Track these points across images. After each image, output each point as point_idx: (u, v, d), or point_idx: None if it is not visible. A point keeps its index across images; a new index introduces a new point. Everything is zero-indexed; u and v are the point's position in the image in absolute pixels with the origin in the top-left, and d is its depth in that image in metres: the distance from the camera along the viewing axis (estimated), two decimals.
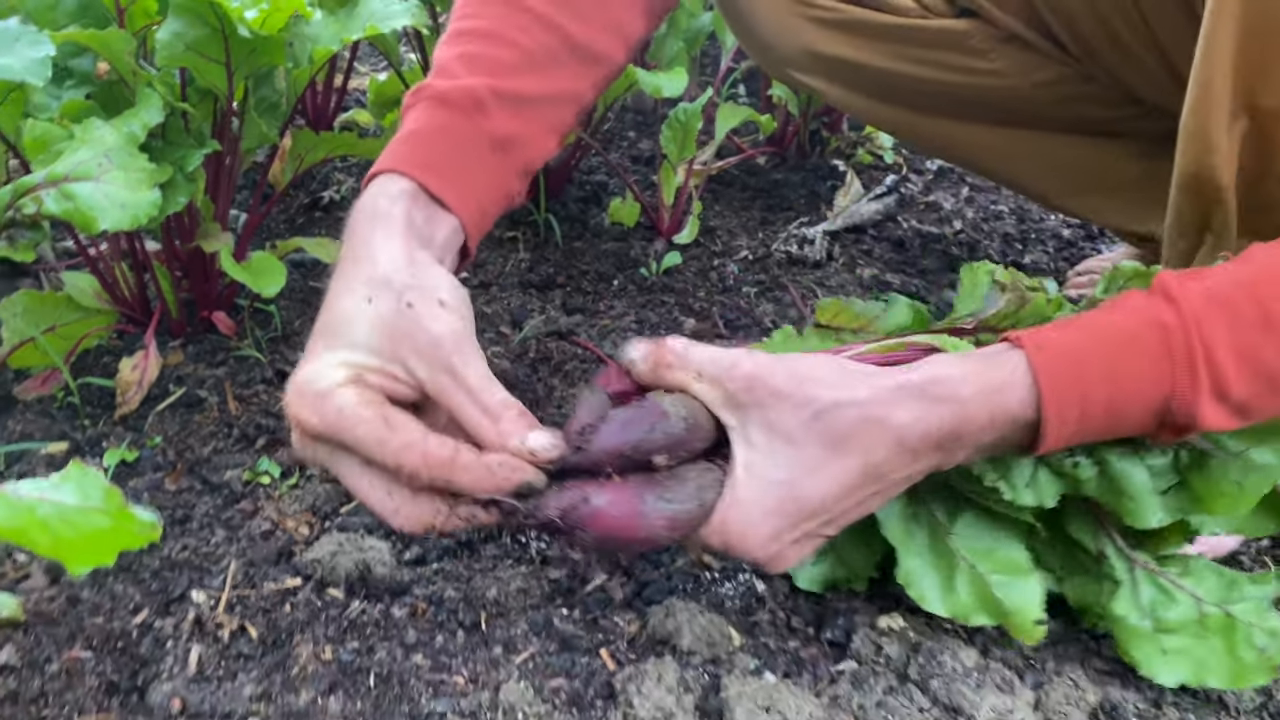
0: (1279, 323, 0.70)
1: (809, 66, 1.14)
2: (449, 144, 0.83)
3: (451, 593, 0.93)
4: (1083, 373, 0.71)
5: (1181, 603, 0.84)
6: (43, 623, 0.89)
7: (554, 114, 0.91)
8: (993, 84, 1.09)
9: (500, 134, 0.86)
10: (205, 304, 1.28)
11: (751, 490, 0.71)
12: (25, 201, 0.93)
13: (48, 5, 1.09)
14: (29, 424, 1.15)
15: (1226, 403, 0.71)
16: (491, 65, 0.86)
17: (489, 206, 0.86)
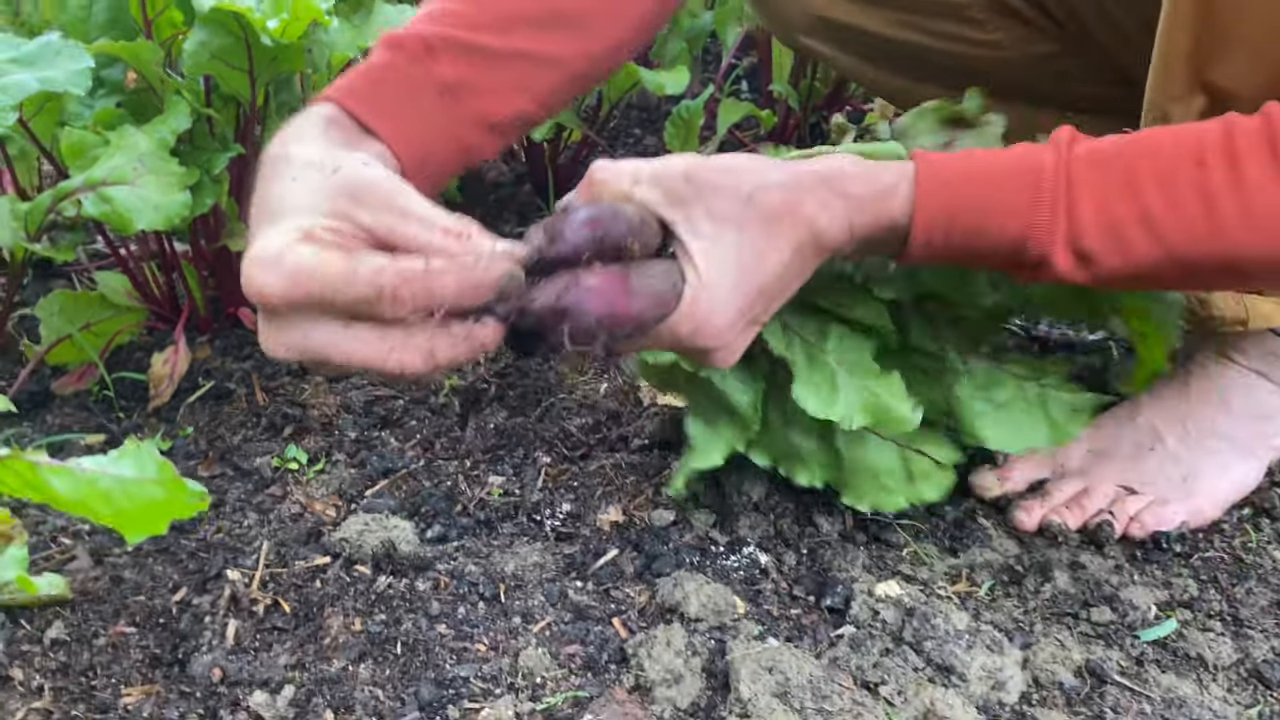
0: (1142, 188, 0.74)
1: (818, 32, 1.16)
2: (389, 80, 0.82)
3: (472, 568, 0.99)
4: (957, 193, 0.76)
5: (1007, 384, 1.00)
6: (89, 601, 0.95)
7: (524, 72, 0.88)
8: (990, 55, 1.12)
9: (449, 79, 0.84)
10: (231, 300, 1.34)
11: (713, 273, 0.73)
12: (65, 205, 0.99)
13: (80, 19, 1.14)
14: (67, 417, 1.21)
15: (1077, 252, 0.76)
16: (454, 19, 0.85)
17: (431, 146, 0.83)
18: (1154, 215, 0.74)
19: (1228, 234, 0.74)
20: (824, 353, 0.95)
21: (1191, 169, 0.74)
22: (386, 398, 1.26)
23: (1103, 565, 1.01)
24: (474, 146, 0.88)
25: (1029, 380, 1.01)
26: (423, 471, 1.13)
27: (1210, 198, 0.74)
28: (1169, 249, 0.75)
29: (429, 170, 0.83)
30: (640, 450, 1.16)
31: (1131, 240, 0.75)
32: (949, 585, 0.98)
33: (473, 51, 0.85)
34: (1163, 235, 0.75)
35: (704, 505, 1.07)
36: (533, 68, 0.89)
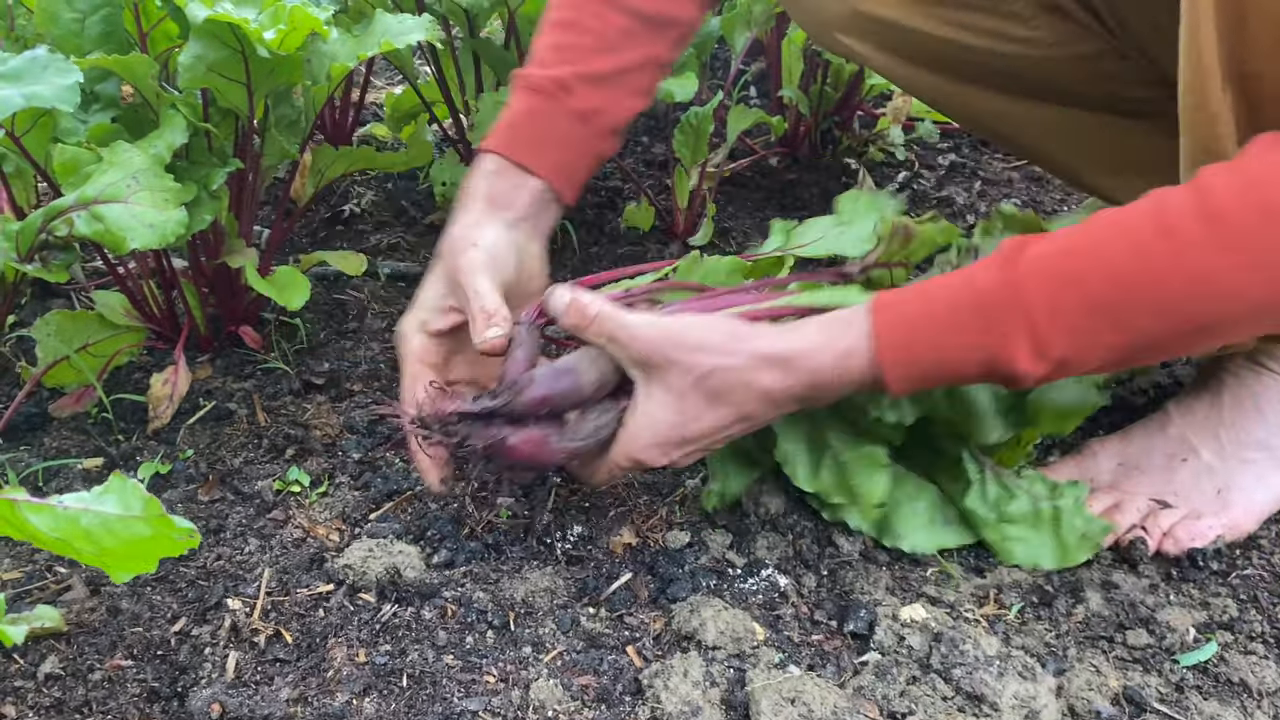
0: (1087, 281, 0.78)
1: (854, 29, 1.13)
2: (536, 123, 1.06)
3: (480, 594, 0.95)
4: (914, 338, 0.83)
5: (1020, 499, 1.01)
6: (85, 633, 0.92)
7: (633, 81, 1.10)
8: (1032, 54, 1.08)
9: (582, 108, 1.06)
10: (232, 319, 1.30)
11: (643, 426, 0.90)
12: (57, 224, 0.96)
13: (73, 32, 1.11)
14: (64, 440, 1.18)
15: (1047, 360, 0.80)
16: (572, 52, 1.07)
17: (575, 164, 1.08)
18: (1106, 303, 0.78)
19: (1180, 304, 0.77)
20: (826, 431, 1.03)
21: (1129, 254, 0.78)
22: (391, 417, 1.22)
23: (1137, 585, 0.97)
24: (605, 150, 1.11)
25: (1044, 499, 1.01)
26: (428, 493, 1.10)
27: (1156, 274, 0.77)
28: (1131, 330, 0.78)
29: (575, 180, 1.09)
30: (653, 470, 1.12)
31: (1093, 332, 0.79)
32: (976, 608, 0.94)
33: (595, 80, 1.07)
34: (1119, 319, 0.78)
35: (720, 525, 1.04)
36: (637, 74, 1.10)
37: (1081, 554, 0.98)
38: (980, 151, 1.95)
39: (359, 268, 1.30)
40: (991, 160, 1.92)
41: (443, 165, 1.62)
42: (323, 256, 1.33)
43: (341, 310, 1.41)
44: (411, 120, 1.73)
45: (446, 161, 1.62)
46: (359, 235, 1.63)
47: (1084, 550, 0.98)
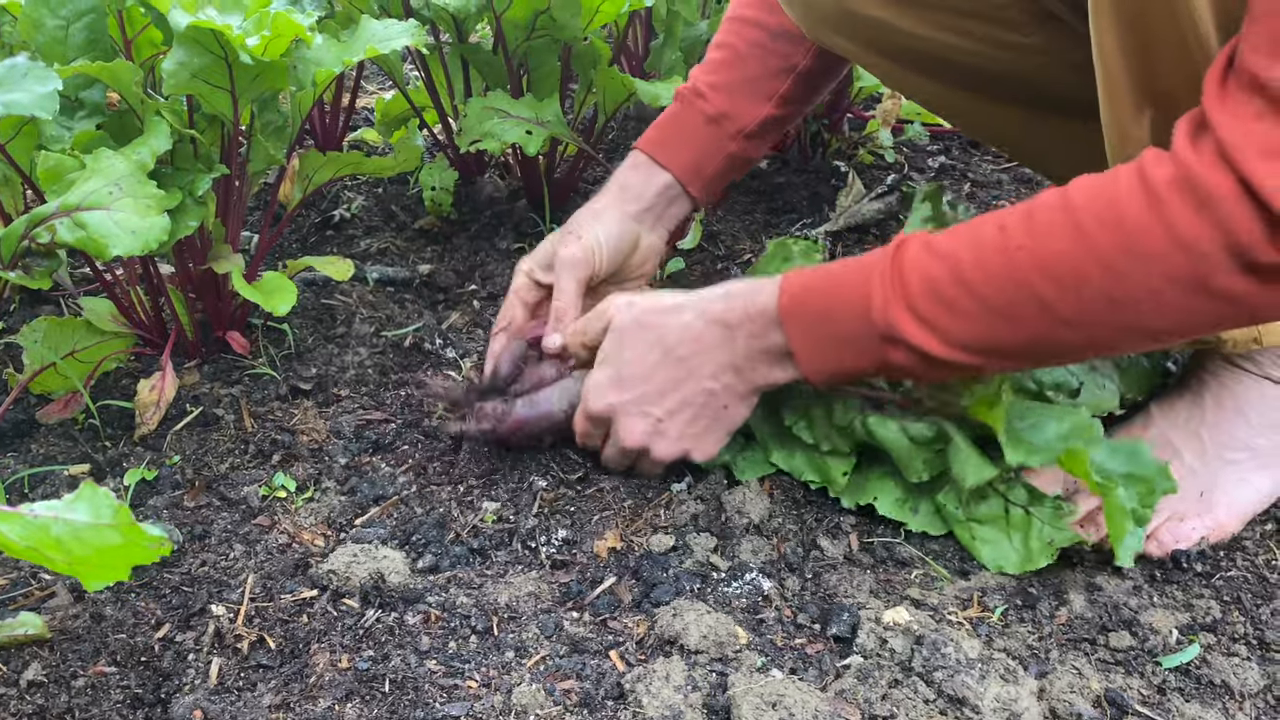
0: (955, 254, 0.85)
1: (848, 29, 1.13)
2: (671, 123, 1.25)
3: (464, 599, 0.95)
4: (809, 287, 0.94)
5: (991, 500, 1.02)
6: (68, 639, 0.92)
7: (762, 87, 1.23)
8: (1027, 61, 1.08)
9: (711, 111, 1.23)
10: (219, 324, 1.31)
11: (591, 377, 1.07)
12: (40, 231, 0.96)
13: (57, 39, 1.11)
14: (51, 447, 1.18)
15: (917, 316, 0.86)
16: (711, 66, 1.25)
17: (703, 162, 1.24)
18: (964, 272, 0.84)
19: (1030, 282, 0.82)
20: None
21: (994, 231, 0.84)
22: (378, 422, 1.23)
23: (1120, 587, 0.97)
24: (737, 153, 1.25)
25: (1017, 505, 1.01)
26: (414, 498, 1.10)
27: (1007, 249, 0.83)
28: (985, 302, 0.84)
29: (704, 177, 1.24)
30: (641, 473, 1.12)
31: (953, 299, 0.85)
32: (960, 610, 0.95)
33: (725, 87, 1.23)
34: (975, 289, 0.84)
35: (704, 529, 1.04)
36: (766, 81, 1.23)
37: (1043, 559, 0.98)
38: (970, 154, 1.95)
39: (346, 273, 1.30)
40: (981, 162, 1.92)
41: (432, 169, 1.62)
42: (310, 262, 1.33)
43: (329, 315, 1.41)
44: (401, 125, 1.73)
45: (436, 166, 1.63)
46: (349, 240, 1.63)
47: (1045, 557, 0.98)
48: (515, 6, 1.37)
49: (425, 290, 1.51)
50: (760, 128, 1.25)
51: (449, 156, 1.66)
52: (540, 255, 1.22)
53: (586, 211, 1.22)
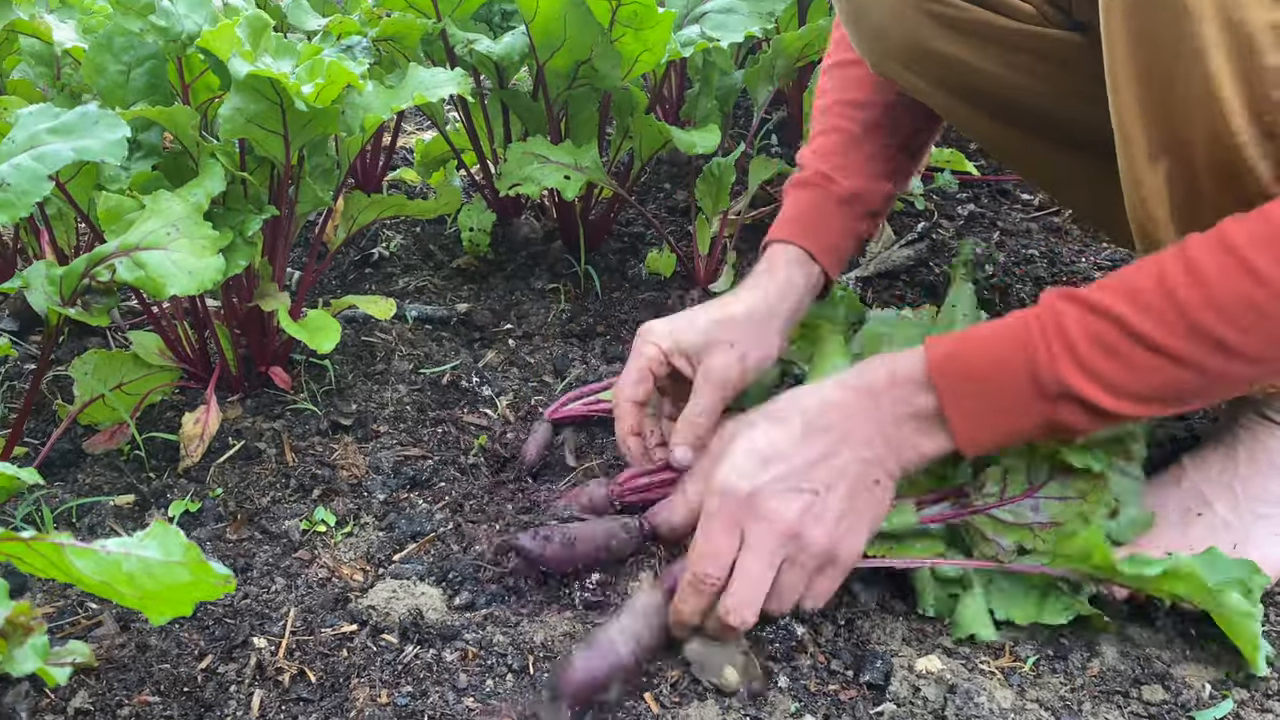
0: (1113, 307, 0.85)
1: (917, 63, 1.13)
2: (812, 212, 1.24)
3: (500, 637, 0.97)
4: (961, 349, 0.91)
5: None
6: (114, 668, 0.94)
7: (882, 165, 1.26)
8: (1098, 108, 1.10)
9: (844, 194, 1.24)
10: (263, 360, 1.34)
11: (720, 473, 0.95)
12: (100, 270, 0.99)
13: (118, 84, 1.16)
14: (97, 477, 1.21)
15: (1088, 371, 0.85)
16: (830, 151, 1.27)
17: (842, 245, 1.26)
18: (1132, 325, 0.84)
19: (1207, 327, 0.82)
20: None
21: (1152, 283, 0.85)
22: (416, 458, 1.25)
23: (1153, 639, 0.97)
24: (863, 231, 1.28)
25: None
26: (451, 535, 1.12)
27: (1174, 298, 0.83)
28: (1160, 351, 0.84)
29: (840, 260, 1.26)
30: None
31: (1125, 352, 0.85)
32: (992, 660, 0.95)
33: (848, 168, 1.25)
34: (1147, 339, 0.84)
35: None
36: (885, 159, 1.27)
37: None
38: (999, 202, 1.97)
39: (388, 312, 1.33)
40: (1010, 211, 1.94)
41: (470, 211, 1.65)
42: (353, 300, 1.36)
43: (369, 352, 1.44)
44: (440, 166, 1.77)
45: (474, 208, 1.66)
46: (387, 278, 1.67)
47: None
48: (558, 56, 1.41)
49: (462, 329, 1.54)
50: (881, 204, 1.28)
51: (487, 198, 1.70)
52: (684, 339, 1.14)
53: (750, 315, 1.16)
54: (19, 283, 1.01)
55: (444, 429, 1.31)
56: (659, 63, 1.44)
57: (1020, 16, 1.06)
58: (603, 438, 1.28)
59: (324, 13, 1.74)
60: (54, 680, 0.55)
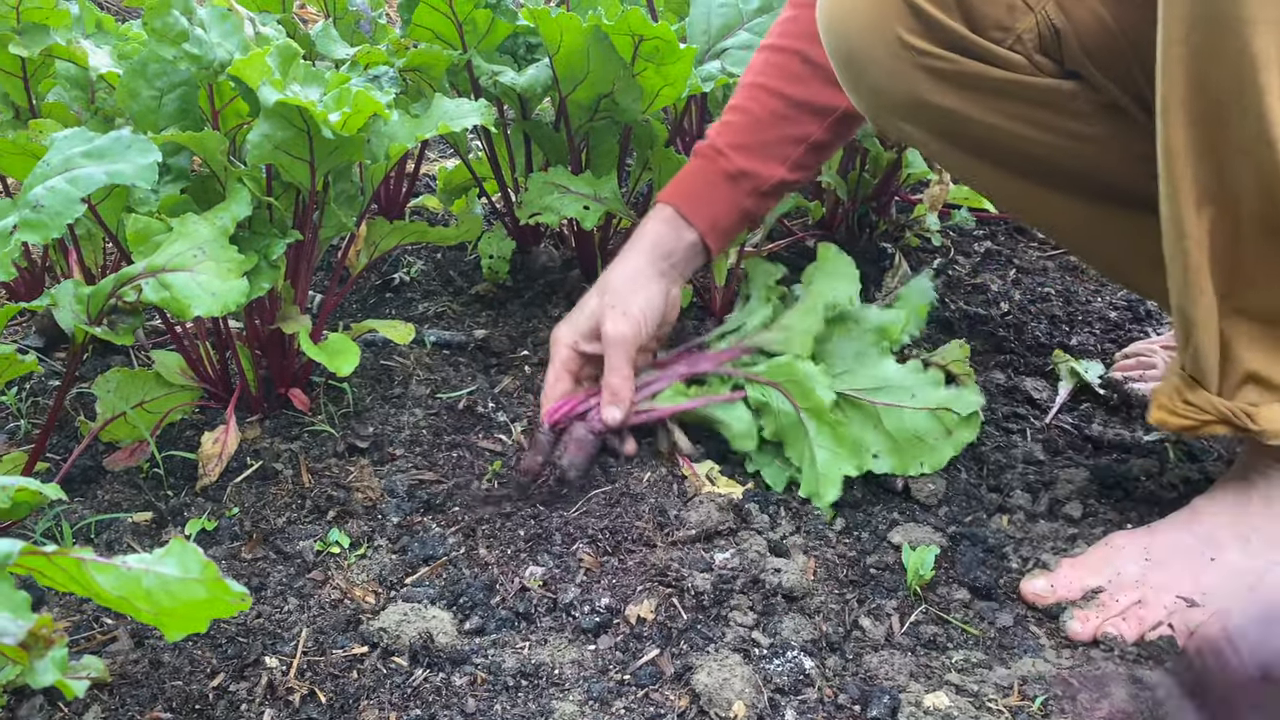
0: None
1: (915, 116, 1.16)
2: (697, 179, 1.34)
3: (509, 663, 0.98)
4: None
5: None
6: (127, 684, 0.95)
7: (777, 152, 1.33)
8: (1091, 151, 1.12)
9: (732, 170, 1.32)
10: (282, 381, 1.35)
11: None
12: (127, 290, 1.02)
13: (150, 109, 1.18)
14: (116, 494, 1.23)
15: None
16: (730, 128, 1.34)
17: (721, 217, 1.33)
18: None
19: None
20: None
21: None
22: (430, 482, 1.26)
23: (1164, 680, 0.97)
24: (750, 209, 1.35)
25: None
26: (463, 560, 1.13)
27: None
28: None
29: (721, 232, 1.34)
30: (684, 543, 1.14)
31: None
32: (1000, 698, 0.95)
33: (745, 148, 1.32)
34: None
35: (746, 606, 1.05)
36: (784, 147, 1.33)
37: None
38: (1015, 239, 1.98)
39: (407, 337, 1.35)
40: (1027, 248, 1.95)
41: (490, 238, 1.67)
42: (373, 325, 1.37)
43: (387, 376, 1.46)
44: (462, 194, 1.79)
45: (494, 235, 1.68)
46: (407, 303, 1.69)
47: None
48: (580, 89, 1.43)
49: (479, 354, 1.56)
50: (772, 188, 1.35)
51: (507, 226, 1.72)
52: (582, 326, 1.29)
53: (623, 276, 1.29)
54: (47, 301, 1.04)
55: (459, 454, 1.32)
56: (680, 97, 1.46)
57: (1012, 67, 1.09)
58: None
59: (352, 42, 1.78)
60: (72, 693, 0.56)
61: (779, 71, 1.33)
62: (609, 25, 1.32)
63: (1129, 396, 1.46)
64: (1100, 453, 1.35)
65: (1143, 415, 1.45)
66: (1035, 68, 1.08)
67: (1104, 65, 1.07)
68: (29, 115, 1.45)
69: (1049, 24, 1.06)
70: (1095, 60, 1.07)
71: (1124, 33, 1.06)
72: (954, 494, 1.25)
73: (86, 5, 1.43)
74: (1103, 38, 1.06)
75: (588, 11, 1.40)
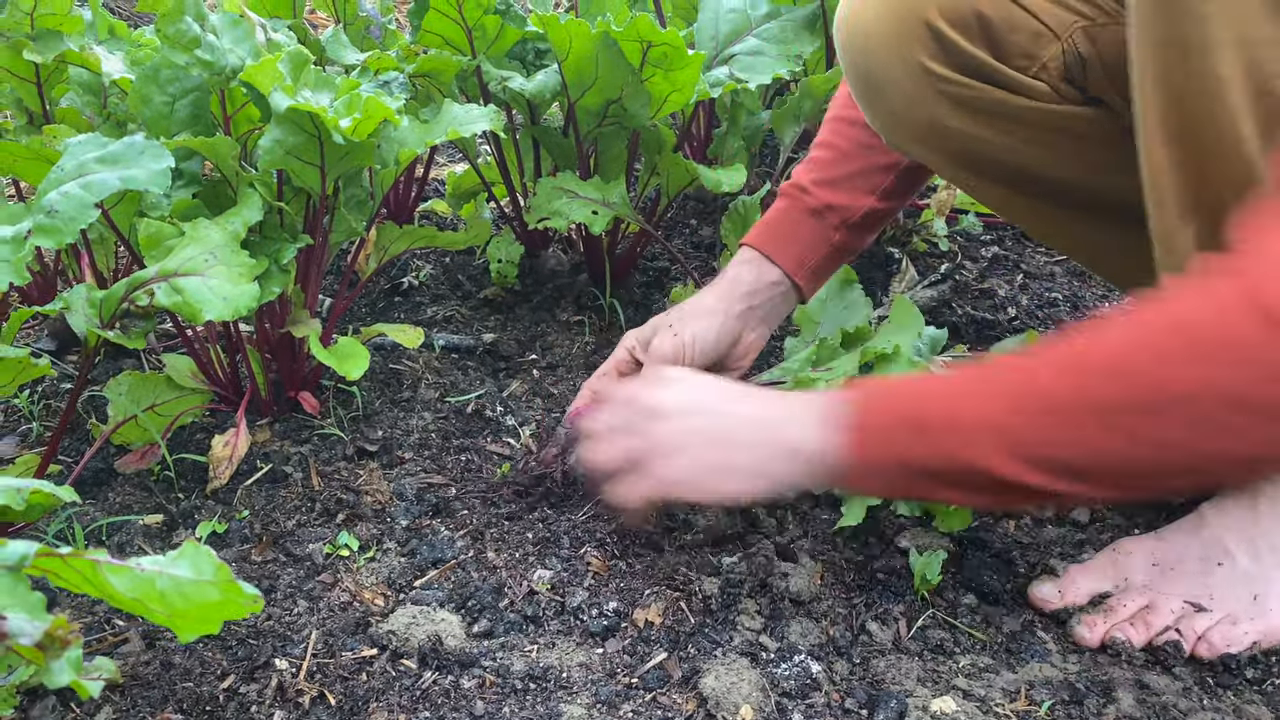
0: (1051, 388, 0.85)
1: (932, 140, 1.16)
2: (779, 219, 1.30)
3: (518, 666, 0.98)
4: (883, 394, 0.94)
5: None
6: (138, 685, 0.96)
7: (865, 182, 1.30)
8: (1112, 174, 1.11)
9: (816, 205, 1.29)
10: (292, 385, 1.36)
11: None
12: (139, 294, 1.02)
13: (162, 114, 1.19)
14: (127, 496, 1.23)
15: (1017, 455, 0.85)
16: (815, 164, 1.32)
17: (807, 254, 1.29)
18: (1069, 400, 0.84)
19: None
20: None
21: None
22: (439, 485, 1.26)
23: (1170, 687, 0.97)
24: (841, 243, 1.30)
25: None
26: (472, 563, 1.13)
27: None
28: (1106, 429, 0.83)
29: (809, 269, 1.30)
30: (692, 549, 1.15)
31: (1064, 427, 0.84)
32: (1007, 703, 0.95)
33: (830, 182, 1.29)
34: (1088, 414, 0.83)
35: (754, 610, 1.06)
36: (869, 177, 1.30)
37: None
38: (1023, 245, 1.98)
39: (416, 341, 1.35)
40: (1035, 254, 1.95)
41: (499, 243, 1.68)
42: (383, 329, 1.38)
43: (396, 380, 1.46)
44: (471, 198, 1.80)
45: (503, 239, 1.69)
46: (416, 307, 1.69)
47: None
48: (589, 95, 1.43)
49: (488, 358, 1.56)
50: (863, 219, 1.30)
51: (515, 230, 1.73)
52: (644, 334, 1.26)
53: (695, 305, 1.26)
54: (60, 304, 1.04)
55: (467, 457, 1.32)
56: (688, 102, 1.46)
57: (1035, 95, 1.09)
58: None
59: (362, 47, 1.79)
60: (87, 693, 0.56)
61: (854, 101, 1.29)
62: (618, 32, 1.33)
63: None
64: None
65: None
66: (1059, 95, 1.08)
67: (1128, 92, 1.08)
68: (42, 120, 1.46)
69: (1075, 52, 1.06)
70: (1120, 87, 1.07)
71: None
72: None
73: (99, 11, 1.44)
74: (1128, 65, 1.06)
75: (596, 18, 1.41)
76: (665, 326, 1.24)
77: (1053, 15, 1.06)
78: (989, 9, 1.06)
